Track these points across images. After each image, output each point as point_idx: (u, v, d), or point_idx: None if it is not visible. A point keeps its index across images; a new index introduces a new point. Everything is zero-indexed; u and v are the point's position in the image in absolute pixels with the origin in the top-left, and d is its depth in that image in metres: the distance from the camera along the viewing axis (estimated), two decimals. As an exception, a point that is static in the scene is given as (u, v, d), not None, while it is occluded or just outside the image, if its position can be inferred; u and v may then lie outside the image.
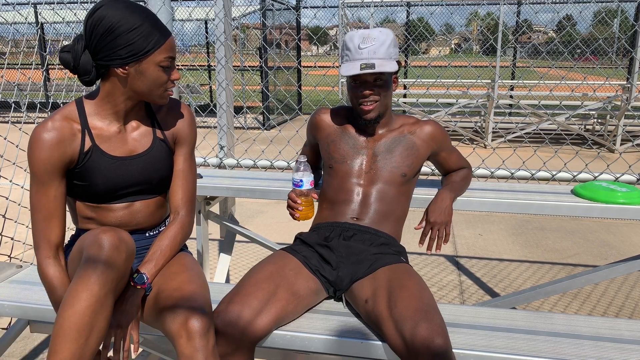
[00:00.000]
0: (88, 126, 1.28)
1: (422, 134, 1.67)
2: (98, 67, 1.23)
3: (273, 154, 6.36)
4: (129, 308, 1.21)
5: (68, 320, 1.05)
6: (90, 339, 1.07)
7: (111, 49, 1.19)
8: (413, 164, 1.64)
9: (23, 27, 10.71)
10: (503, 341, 1.27)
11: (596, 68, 7.13)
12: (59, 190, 1.26)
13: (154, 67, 1.23)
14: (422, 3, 9.28)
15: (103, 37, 1.18)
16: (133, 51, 1.19)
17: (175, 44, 1.29)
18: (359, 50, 1.53)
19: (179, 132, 1.42)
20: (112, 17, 1.17)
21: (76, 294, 1.06)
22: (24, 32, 10.70)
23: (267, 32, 8.69)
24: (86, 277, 1.07)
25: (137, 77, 1.23)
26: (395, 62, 1.55)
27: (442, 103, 8.67)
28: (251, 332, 1.23)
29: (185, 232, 1.40)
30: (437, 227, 1.59)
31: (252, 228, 3.86)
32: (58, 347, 1.04)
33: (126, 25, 1.18)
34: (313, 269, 1.42)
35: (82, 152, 1.27)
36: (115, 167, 1.31)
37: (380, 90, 1.56)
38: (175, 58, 1.28)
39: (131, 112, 1.34)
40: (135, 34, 1.18)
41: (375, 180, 1.60)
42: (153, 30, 1.21)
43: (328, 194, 1.65)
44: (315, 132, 1.76)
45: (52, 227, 1.26)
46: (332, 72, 16.27)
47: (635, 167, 5.51)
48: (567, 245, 3.52)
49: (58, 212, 1.26)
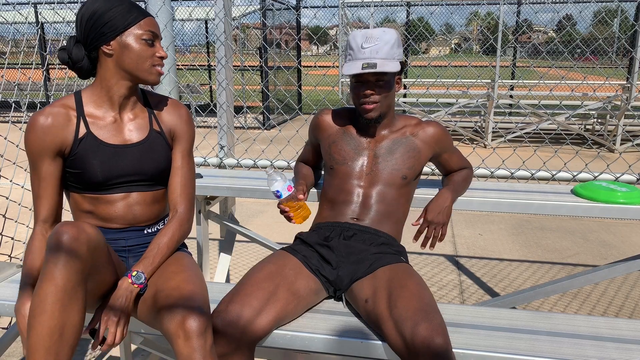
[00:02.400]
0: (84, 114, 1.34)
1: (425, 135, 1.66)
2: (89, 55, 1.32)
3: (273, 154, 6.36)
4: (119, 304, 1.20)
5: (39, 318, 1.05)
6: (65, 335, 1.07)
7: (96, 30, 1.28)
8: (414, 166, 1.63)
9: (23, 27, 10.72)
10: (503, 341, 1.27)
11: (596, 68, 7.13)
12: (48, 171, 1.32)
13: (136, 39, 1.30)
14: (422, 3, 9.28)
15: (88, 23, 1.28)
16: (114, 26, 1.28)
17: (156, 23, 1.36)
18: (362, 50, 1.52)
19: (176, 128, 1.45)
20: (94, 4, 1.29)
21: (42, 291, 1.07)
22: (24, 32, 10.70)
23: (267, 32, 8.68)
24: (50, 274, 1.07)
25: (123, 52, 1.30)
26: (398, 63, 1.54)
27: (442, 103, 8.67)
28: (251, 332, 1.23)
29: (183, 230, 1.40)
30: (434, 226, 1.60)
31: (252, 228, 3.86)
32: (33, 348, 1.04)
33: (106, 6, 1.28)
34: (313, 269, 1.42)
35: (76, 138, 1.31)
36: (110, 155, 1.33)
37: (381, 91, 1.55)
38: (158, 36, 1.35)
39: (127, 102, 1.37)
40: (115, 12, 1.28)
41: (375, 182, 1.60)
42: (132, 9, 1.31)
43: (329, 194, 1.64)
44: (317, 133, 1.76)
45: (41, 205, 1.34)
46: (332, 72, 16.27)
47: (635, 167, 5.51)
48: (567, 245, 3.52)
49: (46, 193, 1.33)
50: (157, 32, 1.34)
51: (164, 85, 2.47)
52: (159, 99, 1.47)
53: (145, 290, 1.27)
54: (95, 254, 1.14)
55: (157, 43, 1.35)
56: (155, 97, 1.47)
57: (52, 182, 1.33)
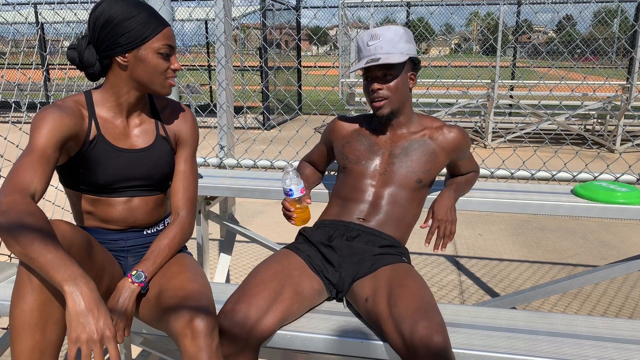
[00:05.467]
0: (95, 115, 1.31)
1: (444, 141, 1.62)
2: (101, 60, 1.28)
3: (273, 154, 6.36)
4: (119, 305, 1.19)
5: (18, 318, 1.04)
6: (47, 332, 1.06)
7: (111, 39, 1.24)
8: (430, 171, 1.60)
9: (23, 27, 10.72)
10: (503, 341, 1.27)
11: (596, 68, 7.13)
12: (53, 156, 1.19)
13: (153, 54, 1.27)
14: (422, 3, 9.28)
15: (103, 28, 1.24)
16: (131, 38, 1.24)
17: (173, 34, 1.32)
18: (367, 47, 1.55)
19: (181, 132, 1.44)
20: (111, 9, 1.23)
21: (19, 293, 1.06)
22: (24, 32, 10.70)
23: (267, 32, 8.69)
24: (27, 272, 1.06)
25: (137, 65, 1.27)
26: (406, 56, 1.53)
27: (442, 103, 8.67)
28: (258, 332, 1.23)
29: (185, 233, 1.40)
30: (444, 225, 1.59)
31: (252, 228, 3.86)
32: (16, 347, 1.04)
33: (124, 15, 1.23)
34: (317, 269, 1.42)
35: (87, 139, 1.29)
36: (118, 158, 1.32)
37: (389, 86, 1.54)
38: (174, 48, 1.32)
39: (135, 108, 1.36)
40: (133, 22, 1.24)
41: (389, 183, 1.58)
42: (150, 19, 1.26)
43: (340, 192, 1.63)
44: (331, 136, 1.76)
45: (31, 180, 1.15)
46: (332, 72, 16.27)
47: (635, 167, 5.51)
48: (567, 245, 3.52)
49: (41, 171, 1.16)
50: (173, 44, 1.31)
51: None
52: (166, 103, 1.46)
53: (146, 290, 1.27)
54: (71, 251, 1.12)
55: (172, 55, 1.32)
56: (161, 102, 1.46)
57: (50, 167, 1.19)
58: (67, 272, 1.00)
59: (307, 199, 1.59)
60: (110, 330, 1.00)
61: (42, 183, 1.16)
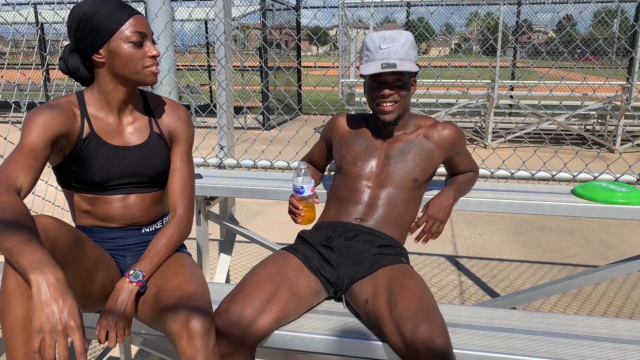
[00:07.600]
0: (87, 114, 1.33)
1: (440, 138, 1.63)
2: (85, 63, 1.31)
3: (273, 154, 6.36)
4: (118, 306, 1.19)
5: (10, 321, 1.01)
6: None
7: (84, 39, 1.26)
8: (426, 169, 1.61)
9: (23, 27, 10.72)
10: (502, 341, 1.27)
11: (596, 68, 7.13)
12: (43, 153, 1.19)
13: (124, 44, 1.27)
14: (422, 3, 9.28)
15: (77, 31, 1.26)
16: (100, 33, 1.25)
17: (143, 21, 1.30)
18: (380, 50, 1.52)
19: (176, 129, 1.45)
20: (80, 10, 1.26)
21: (7, 295, 1.02)
22: (24, 32, 10.71)
23: (267, 32, 8.69)
24: (13, 273, 1.03)
25: (113, 59, 1.28)
26: (416, 64, 1.54)
27: (442, 103, 8.67)
28: (253, 332, 1.24)
29: (182, 231, 1.40)
30: (432, 222, 1.60)
31: (252, 228, 3.86)
32: (9, 348, 1.03)
33: (90, 12, 1.25)
34: (314, 269, 1.42)
35: (80, 137, 1.30)
36: (111, 156, 1.33)
37: (400, 91, 1.55)
38: (146, 34, 1.30)
39: (126, 105, 1.37)
40: (99, 17, 1.25)
41: (385, 184, 1.59)
42: (115, 11, 1.26)
43: (337, 193, 1.64)
44: (331, 133, 1.76)
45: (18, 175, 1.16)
46: (332, 73, 16.28)
47: (635, 167, 5.52)
48: (567, 246, 3.52)
49: (30, 166, 1.17)
50: (144, 30, 1.29)
51: (164, 85, 2.47)
52: (159, 101, 1.47)
53: (145, 290, 1.27)
54: (55, 246, 1.10)
55: (146, 42, 1.30)
56: (154, 99, 1.47)
57: (39, 164, 1.19)
58: (33, 257, 0.97)
59: (315, 198, 1.60)
60: (75, 321, 0.96)
61: (30, 179, 1.16)
